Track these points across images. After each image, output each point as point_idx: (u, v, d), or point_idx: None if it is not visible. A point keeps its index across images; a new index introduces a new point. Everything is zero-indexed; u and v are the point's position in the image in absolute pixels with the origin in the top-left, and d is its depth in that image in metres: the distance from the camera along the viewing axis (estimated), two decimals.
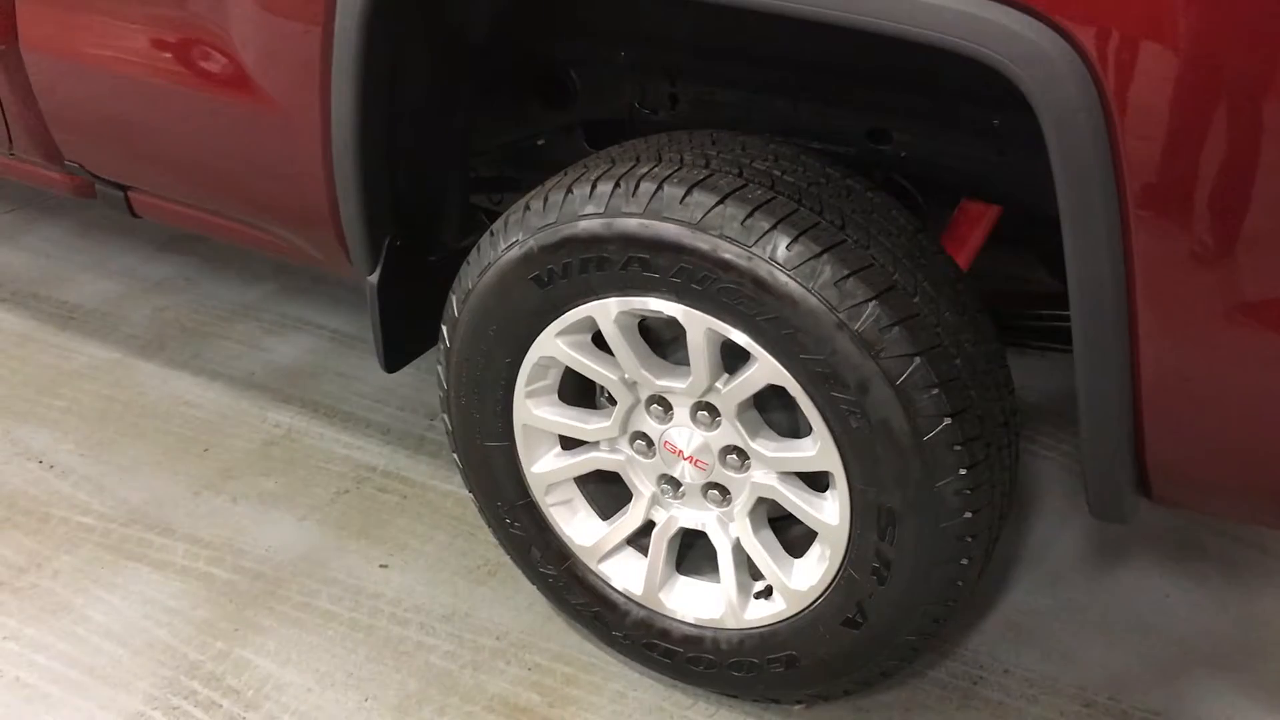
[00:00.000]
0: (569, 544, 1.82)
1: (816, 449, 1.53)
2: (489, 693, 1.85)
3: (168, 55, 1.84)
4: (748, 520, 1.67)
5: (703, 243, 1.46)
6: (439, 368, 1.80)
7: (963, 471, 1.45)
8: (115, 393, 2.60)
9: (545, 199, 1.59)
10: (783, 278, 1.43)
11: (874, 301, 1.41)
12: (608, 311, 1.58)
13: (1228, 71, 1.11)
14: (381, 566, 2.10)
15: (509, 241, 1.62)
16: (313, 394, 2.59)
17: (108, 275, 3.09)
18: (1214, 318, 1.22)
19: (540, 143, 2.13)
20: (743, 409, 1.59)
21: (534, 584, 1.91)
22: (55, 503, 2.26)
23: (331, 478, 2.33)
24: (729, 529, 1.70)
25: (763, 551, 1.67)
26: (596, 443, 1.75)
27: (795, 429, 1.64)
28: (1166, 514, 2.23)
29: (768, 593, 1.71)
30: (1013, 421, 1.58)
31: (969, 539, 1.50)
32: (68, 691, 1.84)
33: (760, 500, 1.66)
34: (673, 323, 1.57)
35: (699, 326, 1.53)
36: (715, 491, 1.69)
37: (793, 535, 1.72)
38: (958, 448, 1.44)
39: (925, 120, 1.77)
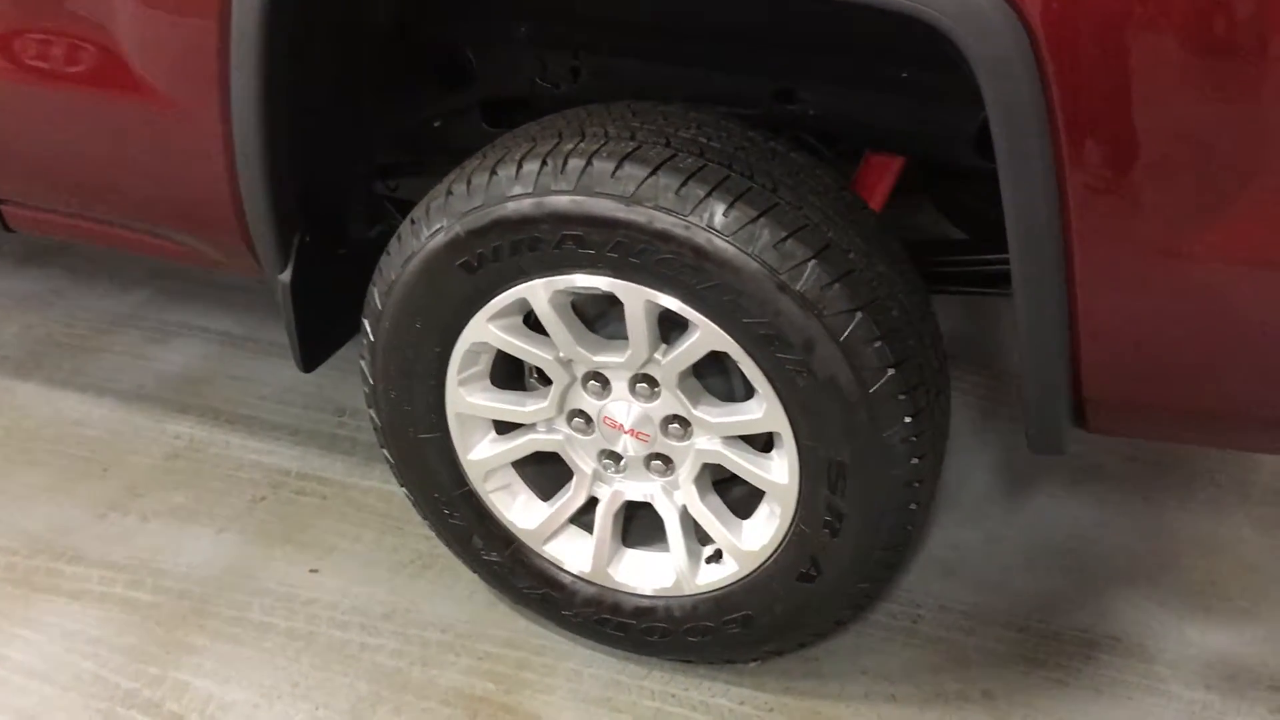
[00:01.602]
0: (512, 529, 1.80)
1: (763, 411, 1.55)
2: (442, 686, 1.83)
3: (42, 54, 1.73)
4: (693, 487, 1.68)
5: (638, 215, 1.45)
6: (362, 363, 1.75)
7: (908, 419, 1.49)
8: (9, 419, 2.45)
9: (468, 182, 1.56)
10: (722, 244, 1.43)
11: (813, 261, 1.43)
12: (541, 292, 1.57)
13: (1152, 15, 1.16)
14: (312, 571, 2.04)
15: (433, 229, 1.59)
16: (210, 400, 2.49)
17: None
18: (1146, 253, 1.28)
19: (436, 125, 2.08)
20: (683, 378, 1.60)
21: (476, 573, 1.89)
22: None
23: (245, 485, 2.25)
24: (674, 497, 1.71)
25: (711, 516, 1.69)
26: (533, 424, 1.74)
27: (731, 393, 1.65)
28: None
29: (718, 556, 1.72)
30: (945, 366, 1.62)
31: (917, 484, 1.54)
32: None
33: (705, 466, 1.67)
34: (601, 298, 1.56)
35: (637, 299, 1.52)
36: (658, 462, 1.69)
37: (735, 497, 1.74)
38: (902, 397, 1.48)
39: (832, 77, 1.79)
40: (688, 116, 1.56)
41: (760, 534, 1.66)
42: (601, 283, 1.53)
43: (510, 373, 1.76)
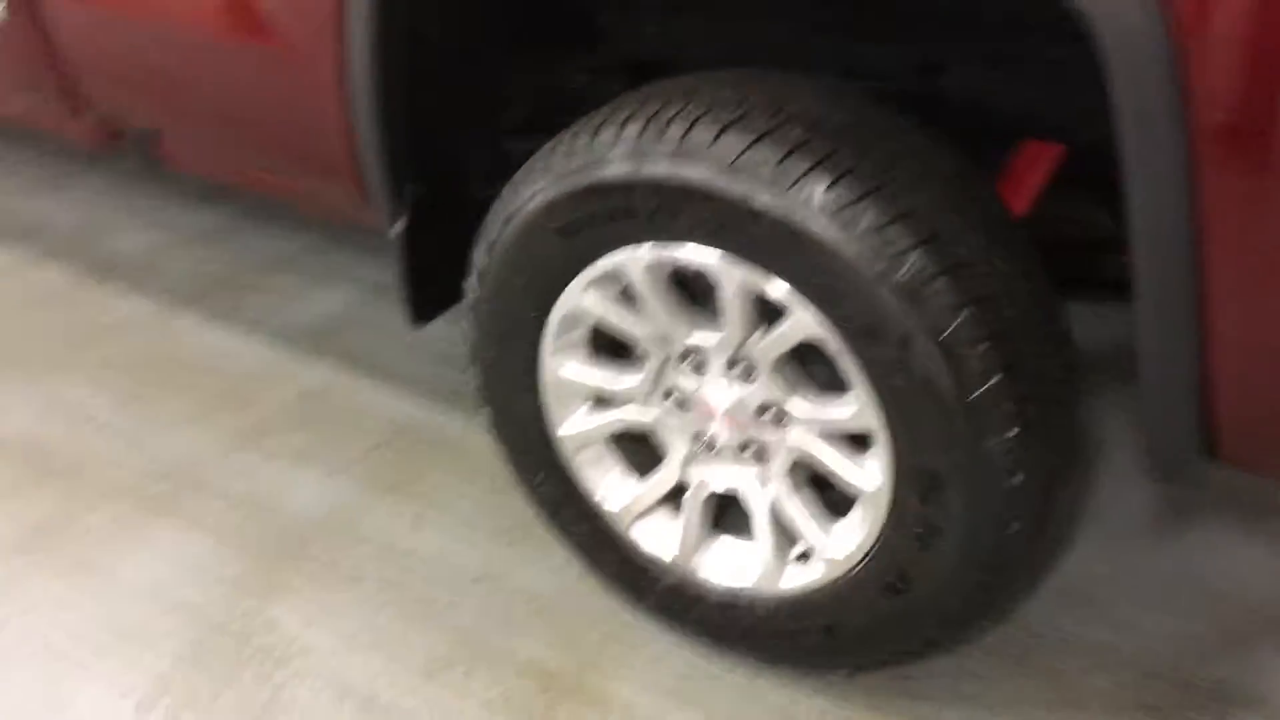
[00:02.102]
0: (599, 505, 1.75)
1: (856, 408, 1.43)
2: (519, 657, 1.79)
3: None
4: (786, 481, 1.59)
5: (734, 188, 1.36)
6: (466, 321, 1.73)
7: (1013, 432, 1.35)
8: (153, 346, 2.57)
9: (570, 144, 1.50)
10: (819, 225, 1.33)
11: (917, 250, 1.31)
12: (636, 263, 1.50)
13: None
14: (413, 525, 2.05)
15: (532, 190, 1.54)
16: (350, 347, 2.54)
17: (150, 226, 3.07)
18: None
19: (579, 85, 2.03)
20: (780, 364, 1.50)
21: (565, 545, 1.84)
22: (89, 458, 2.24)
23: (365, 433, 2.27)
24: (766, 490, 1.62)
25: (803, 514, 1.59)
26: (628, 400, 1.67)
27: (835, 385, 1.54)
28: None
29: (805, 557, 1.62)
30: (1072, 378, 1.47)
31: (1020, 504, 1.40)
32: (93, 653, 1.82)
33: (800, 461, 1.57)
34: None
35: (731, 278, 1.44)
36: (752, 451, 1.60)
37: (834, 497, 1.63)
38: (1007, 406, 1.34)
39: (981, 53, 1.64)
40: (805, 87, 1.46)
41: (849, 539, 1.54)
42: (696, 257, 1.45)
43: (616, 343, 1.70)
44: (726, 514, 1.72)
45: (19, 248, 3.00)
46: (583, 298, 1.57)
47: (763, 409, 1.55)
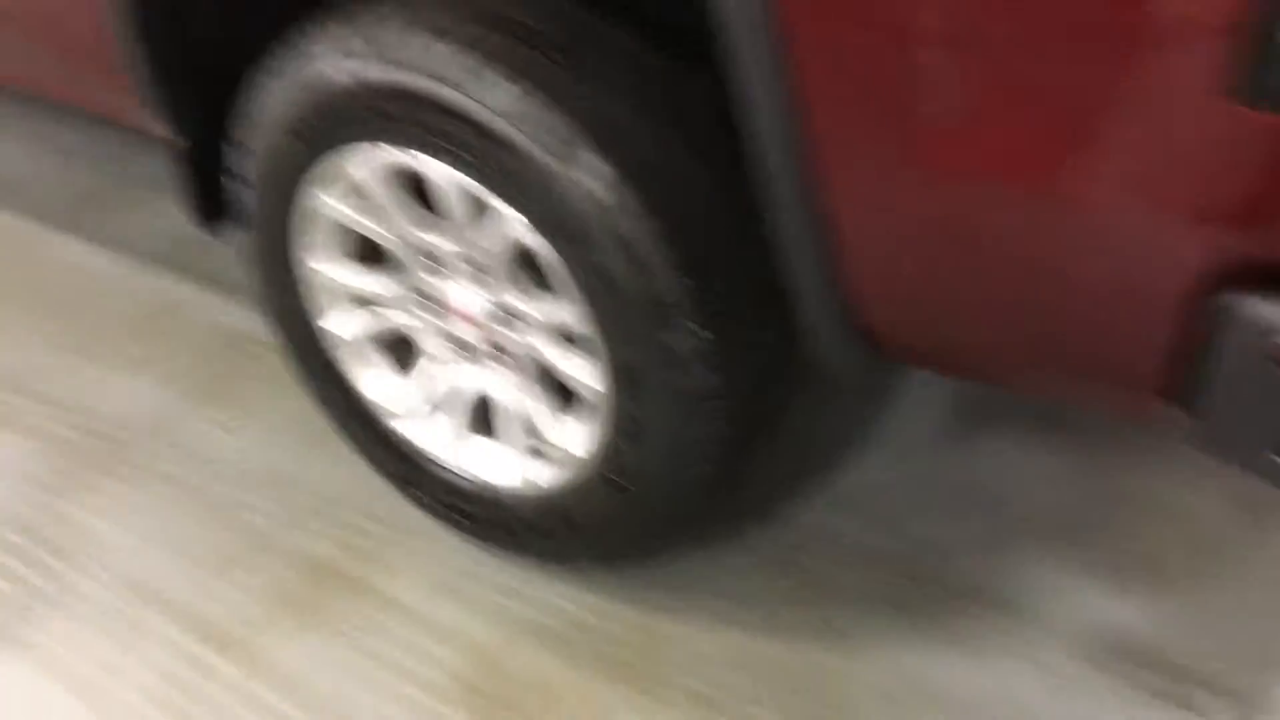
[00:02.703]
0: (368, 403, 1.80)
1: (562, 305, 1.48)
2: (303, 553, 1.86)
3: None
4: (524, 380, 1.64)
5: (430, 88, 1.39)
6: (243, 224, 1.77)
7: (698, 327, 1.39)
8: (12, 261, 2.63)
9: (299, 48, 1.54)
10: (501, 123, 1.36)
11: (595, 151, 1.34)
12: (360, 164, 1.54)
13: None
14: (225, 430, 2.11)
15: (270, 93, 1.58)
16: (207, 264, 2.57)
17: (41, 144, 3.09)
18: (896, 147, 1.12)
19: None
20: (505, 265, 1.54)
21: (347, 445, 1.90)
22: None
23: (200, 345, 2.33)
24: (509, 390, 1.67)
25: (540, 412, 1.64)
26: (384, 301, 1.72)
27: None
28: None
29: (547, 455, 1.67)
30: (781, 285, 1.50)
31: (718, 401, 1.45)
32: None
33: (534, 361, 1.62)
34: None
35: (441, 178, 1.47)
36: (496, 351, 1.65)
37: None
38: (691, 306, 1.38)
39: None
40: None
41: (578, 436, 1.59)
42: (405, 158, 1.48)
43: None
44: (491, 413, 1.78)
45: None
46: (318, 198, 1.61)
47: (499, 310, 1.60)
